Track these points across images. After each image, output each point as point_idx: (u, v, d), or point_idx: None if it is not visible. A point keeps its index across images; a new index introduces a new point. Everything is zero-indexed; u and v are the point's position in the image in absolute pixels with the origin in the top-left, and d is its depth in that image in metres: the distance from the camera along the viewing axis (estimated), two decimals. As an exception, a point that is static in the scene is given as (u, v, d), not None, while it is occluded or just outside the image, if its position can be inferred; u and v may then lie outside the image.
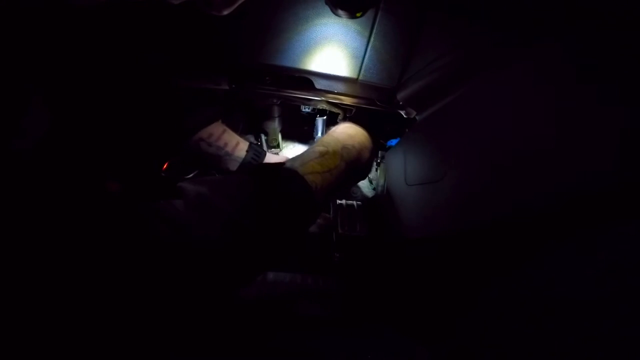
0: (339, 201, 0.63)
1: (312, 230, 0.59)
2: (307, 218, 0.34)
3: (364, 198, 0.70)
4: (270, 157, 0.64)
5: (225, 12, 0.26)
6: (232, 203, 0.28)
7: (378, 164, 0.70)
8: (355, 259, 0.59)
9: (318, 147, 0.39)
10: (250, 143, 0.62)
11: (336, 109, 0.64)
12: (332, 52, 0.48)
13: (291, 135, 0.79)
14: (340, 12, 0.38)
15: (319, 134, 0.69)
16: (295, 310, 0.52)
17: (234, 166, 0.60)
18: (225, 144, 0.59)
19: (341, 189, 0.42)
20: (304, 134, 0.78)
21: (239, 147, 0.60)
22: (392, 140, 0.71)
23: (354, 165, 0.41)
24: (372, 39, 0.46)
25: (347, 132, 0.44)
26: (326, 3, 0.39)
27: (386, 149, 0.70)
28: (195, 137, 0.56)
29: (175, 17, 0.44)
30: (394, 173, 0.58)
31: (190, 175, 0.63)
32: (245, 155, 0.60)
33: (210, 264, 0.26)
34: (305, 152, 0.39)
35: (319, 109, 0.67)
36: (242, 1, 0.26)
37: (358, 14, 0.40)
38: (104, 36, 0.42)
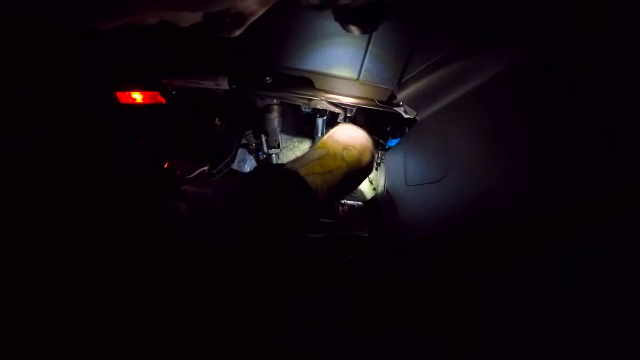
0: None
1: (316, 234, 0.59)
2: (307, 218, 0.34)
3: (364, 198, 0.70)
4: None
5: (237, 34, 0.25)
6: (233, 203, 0.28)
7: (378, 164, 0.70)
8: (356, 259, 0.59)
9: (319, 149, 0.39)
10: None
11: (336, 109, 0.64)
12: (332, 52, 0.48)
13: (291, 136, 0.79)
14: (351, 28, 0.38)
15: (319, 134, 0.69)
16: (296, 310, 0.52)
17: None
18: None
19: (345, 191, 0.41)
20: (304, 134, 0.78)
21: None
22: (392, 140, 0.71)
23: (355, 166, 0.41)
24: (372, 39, 0.46)
25: (347, 133, 0.44)
26: (336, 20, 0.38)
27: (386, 149, 0.70)
28: None
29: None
30: (394, 173, 0.58)
31: (193, 175, 0.63)
32: None
33: (215, 263, 0.26)
34: (306, 153, 0.39)
35: (319, 109, 0.67)
36: (251, 21, 0.25)
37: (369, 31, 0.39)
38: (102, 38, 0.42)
